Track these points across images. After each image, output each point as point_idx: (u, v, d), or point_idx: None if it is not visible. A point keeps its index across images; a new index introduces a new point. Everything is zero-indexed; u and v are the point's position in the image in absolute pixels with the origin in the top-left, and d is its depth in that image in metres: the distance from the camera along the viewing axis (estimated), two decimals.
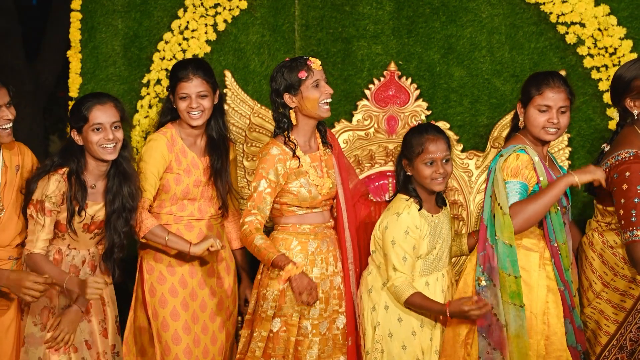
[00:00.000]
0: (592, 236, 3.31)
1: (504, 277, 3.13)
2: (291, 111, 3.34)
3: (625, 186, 3.10)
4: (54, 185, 3.25)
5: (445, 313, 3.17)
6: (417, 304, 3.22)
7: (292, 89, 3.31)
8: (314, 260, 3.34)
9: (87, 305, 3.34)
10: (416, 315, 3.28)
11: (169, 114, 3.55)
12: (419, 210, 3.29)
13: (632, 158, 3.14)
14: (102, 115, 3.28)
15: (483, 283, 3.18)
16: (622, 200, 3.09)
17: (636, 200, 3.07)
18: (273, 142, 3.36)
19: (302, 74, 3.29)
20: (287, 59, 3.39)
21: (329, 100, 3.33)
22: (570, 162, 4.08)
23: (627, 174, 3.11)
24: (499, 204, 3.16)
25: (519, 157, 3.17)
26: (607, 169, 3.20)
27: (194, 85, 3.43)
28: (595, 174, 3.12)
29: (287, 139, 3.34)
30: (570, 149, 4.08)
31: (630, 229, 3.07)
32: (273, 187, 3.29)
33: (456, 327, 3.27)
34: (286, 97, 3.32)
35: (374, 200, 3.75)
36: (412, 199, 3.31)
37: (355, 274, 3.44)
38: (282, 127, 3.36)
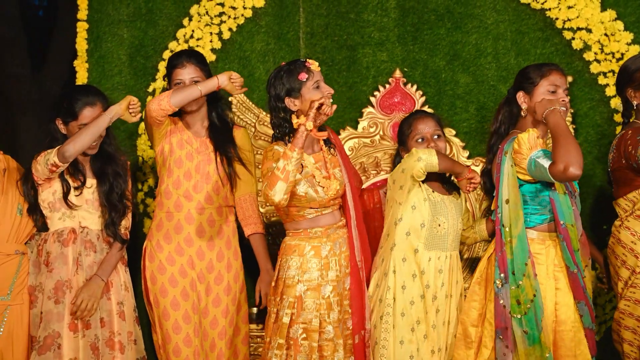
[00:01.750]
0: (618, 233, 3.34)
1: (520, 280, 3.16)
2: (293, 115, 3.32)
3: (629, 139, 3.30)
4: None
5: (465, 174, 3.34)
6: (444, 159, 3.33)
7: (293, 92, 3.29)
8: (328, 264, 3.34)
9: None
10: (418, 286, 3.33)
11: None
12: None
13: (631, 127, 3.39)
14: (91, 116, 3.49)
15: (499, 285, 3.19)
16: (630, 148, 3.26)
17: (639, 137, 3.24)
18: (275, 144, 3.35)
19: (303, 76, 3.28)
20: (283, 63, 3.37)
21: (331, 100, 3.31)
22: None
23: (630, 131, 3.32)
24: (506, 200, 3.19)
25: (529, 133, 3.17)
26: (615, 150, 3.36)
27: (187, 72, 3.57)
28: None
29: (288, 143, 3.31)
30: None
31: (638, 152, 3.23)
32: None
33: (466, 336, 3.29)
34: (287, 101, 3.30)
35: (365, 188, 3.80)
36: None
37: (366, 271, 3.42)
38: (284, 132, 3.34)
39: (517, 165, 3.17)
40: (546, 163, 3.06)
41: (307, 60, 3.33)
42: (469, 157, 4.10)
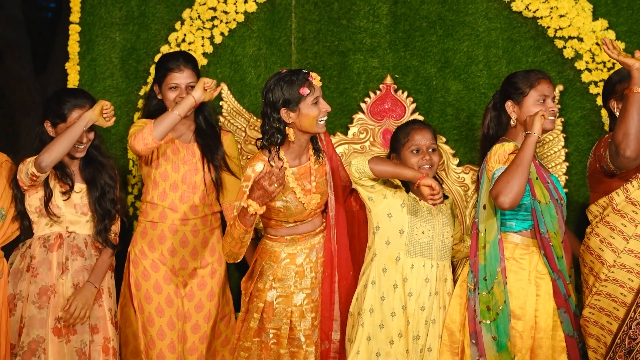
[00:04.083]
0: (588, 240, 3.31)
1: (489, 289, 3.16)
2: (287, 127, 3.24)
3: (602, 144, 3.28)
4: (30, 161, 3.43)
5: (417, 179, 3.18)
6: (387, 163, 3.28)
7: (291, 104, 3.20)
8: (303, 272, 3.33)
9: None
10: (400, 296, 3.27)
11: (152, 104, 3.59)
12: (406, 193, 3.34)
13: (608, 134, 3.32)
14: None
15: (471, 289, 3.20)
16: (602, 150, 3.24)
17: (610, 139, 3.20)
18: (259, 157, 3.29)
19: (304, 91, 3.19)
20: (284, 70, 3.30)
21: (326, 117, 3.28)
22: (567, 177, 4.05)
23: (606, 136, 3.33)
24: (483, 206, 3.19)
25: (504, 146, 3.20)
26: (592, 155, 3.35)
27: (184, 77, 3.53)
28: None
29: (275, 154, 3.27)
30: (567, 163, 4.05)
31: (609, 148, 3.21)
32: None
33: (452, 342, 3.28)
34: (283, 112, 3.22)
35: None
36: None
37: (346, 281, 3.40)
38: (274, 142, 3.26)
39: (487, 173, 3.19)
40: None
41: (311, 73, 3.25)
42: (459, 165, 4.09)
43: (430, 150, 3.36)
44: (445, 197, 3.48)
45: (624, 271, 3.16)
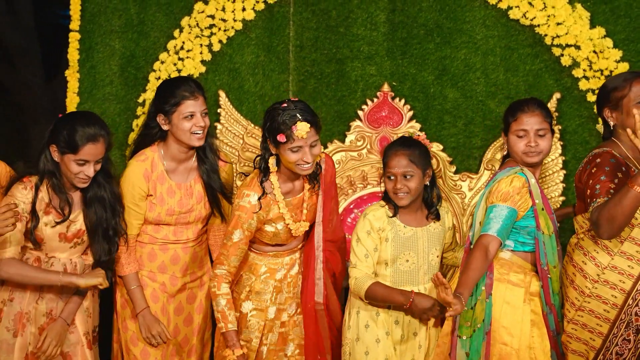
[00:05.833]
0: (572, 252, 3.23)
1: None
2: (271, 157, 3.20)
3: (594, 169, 3.09)
4: (21, 194, 3.22)
5: (408, 303, 3.15)
6: (379, 294, 3.20)
7: (273, 141, 3.15)
8: (280, 287, 3.36)
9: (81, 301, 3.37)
10: (382, 324, 3.27)
11: (153, 134, 3.46)
12: (392, 217, 3.29)
13: (604, 152, 3.14)
14: (92, 153, 3.20)
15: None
16: (590, 182, 3.06)
17: (602, 177, 3.03)
18: (255, 184, 3.23)
19: (281, 138, 3.09)
20: (285, 104, 3.19)
21: (307, 165, 3.16)
22: (564, 185, 4.04)
23: (598, 160, 3.11)
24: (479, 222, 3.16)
25: (512, 183, 3.12)
26: (581, 168, 3.20)
27: (199, 105, 3.35)
28: None
29: (266, 179, 3.23)
30: (565, 171, 4.04)
31: (593, 199, 3.01)
32: (248, 235, 3.24)
33: (440, 346, 3.27)
34: (269, 142, 3.19)
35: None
36: (387, 206, 3.32)
37: (330, 305, 3.40)
38: (262, 165, 3.24)
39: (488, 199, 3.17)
40: (495, 224, 3.05)
41: (297, 124, 3.08)
42: (456, 172, 4.09)
43: (406, 177, 3.23)
44: (438, 217, 3.39)
45: (607, 287, 3.08)
